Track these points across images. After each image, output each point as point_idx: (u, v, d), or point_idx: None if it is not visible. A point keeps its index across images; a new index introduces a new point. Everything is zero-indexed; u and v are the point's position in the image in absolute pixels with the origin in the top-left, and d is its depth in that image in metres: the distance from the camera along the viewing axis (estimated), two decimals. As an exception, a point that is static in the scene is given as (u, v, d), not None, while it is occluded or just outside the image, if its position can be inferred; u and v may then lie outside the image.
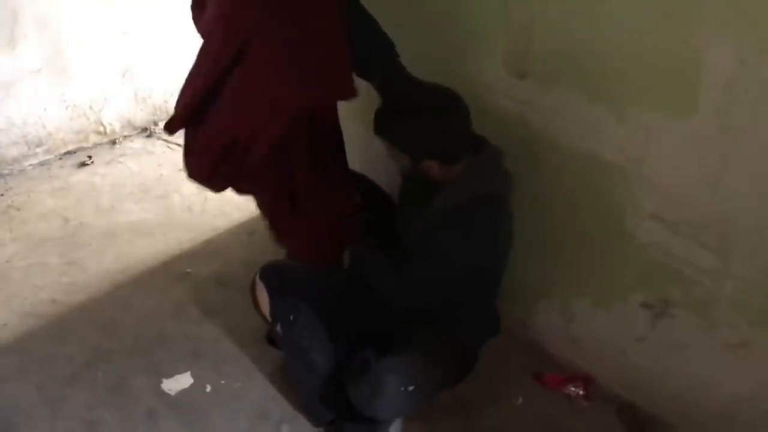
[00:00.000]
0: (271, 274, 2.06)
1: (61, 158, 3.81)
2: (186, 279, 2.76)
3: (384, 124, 1.77)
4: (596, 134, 1.87)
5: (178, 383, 2.24)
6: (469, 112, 1.76)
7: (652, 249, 1.90)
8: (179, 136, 2.04)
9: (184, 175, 2.07)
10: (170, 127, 1.99)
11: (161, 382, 2.24)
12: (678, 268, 1.86)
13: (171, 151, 3.91)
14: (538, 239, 2.17)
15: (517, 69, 1.96)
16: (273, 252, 2.41)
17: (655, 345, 2.05)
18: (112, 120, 4.06)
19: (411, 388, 1.81)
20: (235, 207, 3.24)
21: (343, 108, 2.09)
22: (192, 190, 3.45)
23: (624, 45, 1.71)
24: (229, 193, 2.12)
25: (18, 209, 3.29)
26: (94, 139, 3.99)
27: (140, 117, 4.19)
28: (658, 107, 1.70)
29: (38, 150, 3.75)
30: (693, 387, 2.02)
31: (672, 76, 1.64)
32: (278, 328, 1.99)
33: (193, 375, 2.27)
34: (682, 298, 1.90)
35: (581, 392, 2.24)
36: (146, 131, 4.17)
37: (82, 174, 3.67)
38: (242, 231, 3.13)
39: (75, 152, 3.87)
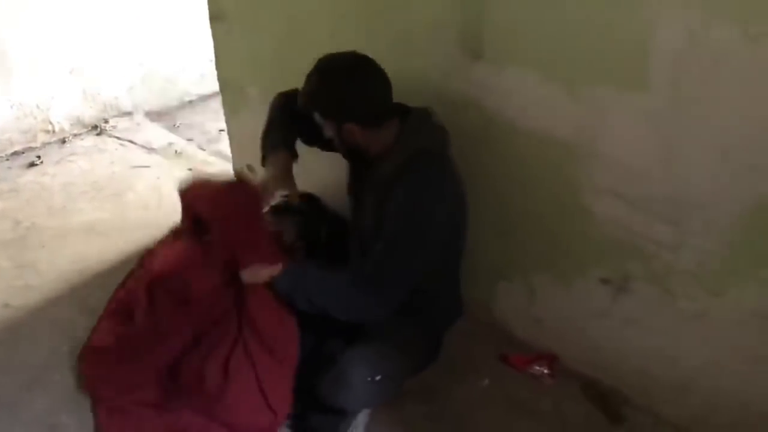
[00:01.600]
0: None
1: (8, 159, 3.72)
2: (144, 277, 2.69)
3: (302, 92, 1.78)
4: (551, 113, 1.87)
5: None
6: (385, 75, 1.75)
7: (609, 225, 1.92)
8: (132, 132, 1.99)
9: (137, 172, 2.02)
10: None
11: (122, 383, 2.18)
12: (635, 242, 1.88)
13: (123, 149, 3.83)
14: (497, 221, 2.18)
15: (471, 50, 1.96)
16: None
17: (616, 320, 2.08)
18: (61, 118, 3.97)
19: (378, 377, 1.79)
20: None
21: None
22: (146, 186, 3.39)
23: (575, 21, 1.71)
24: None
25: (-35, 213, 3.19)
26: (42, 138, 3.90)
27: (90, 114, 4.10)
28: (611, 83, 1.71)
29: (-16, 151, 3.65)
30: (654, 359, 2.05)
31: (623, 50, 1.65)
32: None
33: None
34: (641, 272, 1.93)
35: (546, 371, 2.26)
36: (96, 129, 4.08)
37: (32, 174, 3.58)
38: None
39: (23, 152, 3.79)
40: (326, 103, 1.75)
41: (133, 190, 3.38)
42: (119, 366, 1.95)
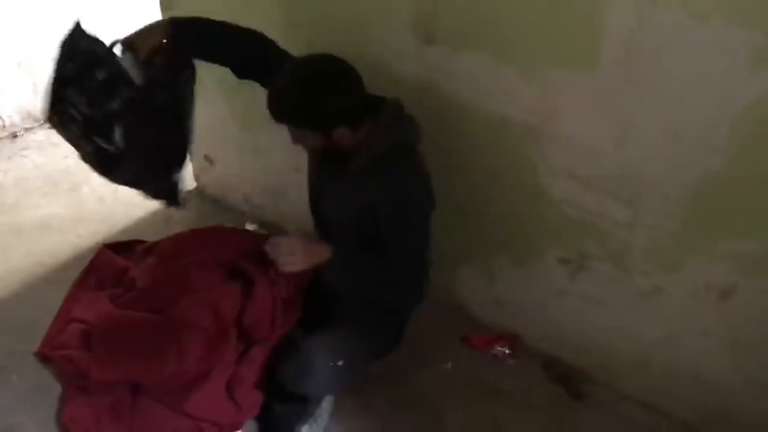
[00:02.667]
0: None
1: (-43, 155, 3.61)
2: (102, 272, 2.64)
3: (283, 109, 1.68)
4: (506, 95, 1.88)
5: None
6: (356, 70, 1.69)
7: (565, 204, 1.94)
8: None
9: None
10: None
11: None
12: (591, 221, 1.91)
13: (78, 142, 3.74)
14: (456, 204, 2.18)
15: (425, 34, 1.95)
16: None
17: (574, 298, 2.11)
18: (11, 112, 3.86)
19: (340, 363, 1.79)
20: (150, 195, 3.13)
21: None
22: (102, 180, 3.32)
23: (527, 3, 1.71)
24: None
25: None
26: (-8, 133, 3.79)
27: (41, 108, 3.99)
28: (564, 64, 1.72)
29: (-70, 148, 3.54)
30: (614, 336, 2.09)
31: (575, 31, 1.66)
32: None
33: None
34: (598, 250, 1.96)
35: (507, 351, 2.29)
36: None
37: (-18, 170, 3.48)
38: (158, 219, 3.03)
39: (-28, 148, 3.67)
40: (315, 115, 1.66)
41: (88, 184, 3.30)
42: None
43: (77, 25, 1.70)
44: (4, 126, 3.82)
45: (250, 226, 2.91)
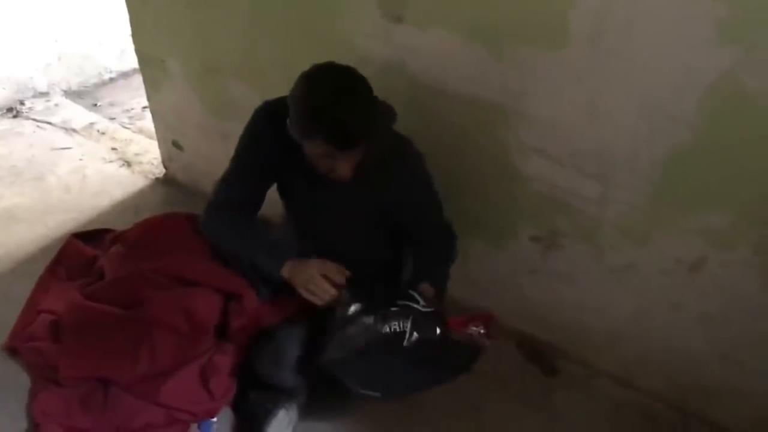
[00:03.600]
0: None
1: None
2: (70, 262, 2.60)
3: (360, 128, 1.50)
4: (476, 74, 1.87)
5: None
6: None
7: (537, 183, 1.94)
8: (50, 113, 1.90)
9: (58, 154, 1.93)
10: None
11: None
12: (563, 198, 1.92)
13: (42, 131, 3.66)
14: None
15: (394, 13, 1.93)
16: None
17: (547, 276, 2.12)
18: (-28, 103, 3.77)
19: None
20: (117, 183, 3.10)
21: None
22: (68, 169, 3.27)
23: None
24: (110, 170, 2.00)
25: None
26: (-47, 123, 3.70)
27: (4, 96, 3.91)
28: (533, 41, 1.71)
29: None
30: (586, 312, 2.10)
31: (544, 9, 1.65)
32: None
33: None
34: (569, 227, 1.96)
35: (482, 331, 2.29)
36: (12, 111, 3.88)
37: (-55, 161, 3.39)
38: (127, 208, 2.99)
39: (-68, 138, 3.58)
40: (377, 122, 1.58)
41: (54, 173, 3.24)
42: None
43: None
44: (-35, 115, 3.74)
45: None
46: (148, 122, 3.55)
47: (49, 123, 3.77)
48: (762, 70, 1.43)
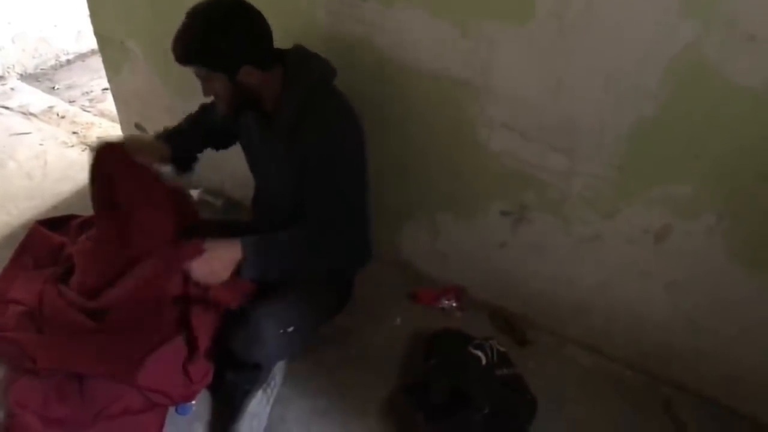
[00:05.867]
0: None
1: None
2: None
3: (187, 47, 1.61)
4: (442, 50, 1.87)
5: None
6: (263, 15, 1.64)
7: (505, 157, 1.96)
8: (6, 98, 1.85)
9: (17, 139, 1.88)
10: None
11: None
12: (530, 172, 1.94)
13: (0, 116, 3.58)
14: (397, 161, 2.19)
15: (357, -10, 1.92)
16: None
17: (517, 249, 2.15)
18: (-71, 89, 3.67)
19: (290, 329, 1.79)
20: (80, 168, 3.03)
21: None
22: (29, 154, 3.20)
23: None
24: (72, 155, 1.97)
25: None
26: None
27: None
28: (498, 16, 1.72)
29: None
30: (555, 283, 2.14)
31: (507, -17, 1.66)
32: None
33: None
34: (537, 201, 1.99)
35: (454, 304, 2.33)
36: (-31, 98, 3.79)
37: None
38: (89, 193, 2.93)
39: None
40: (216, 51, 1.59)
41: (15, 159, 3.17)
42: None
43: None
44: None
45: (194, 192, 2.86)
46: (109, 105, 3.50)
47: (6, 107, 3.68)
48: (723, 43, 1.46)
